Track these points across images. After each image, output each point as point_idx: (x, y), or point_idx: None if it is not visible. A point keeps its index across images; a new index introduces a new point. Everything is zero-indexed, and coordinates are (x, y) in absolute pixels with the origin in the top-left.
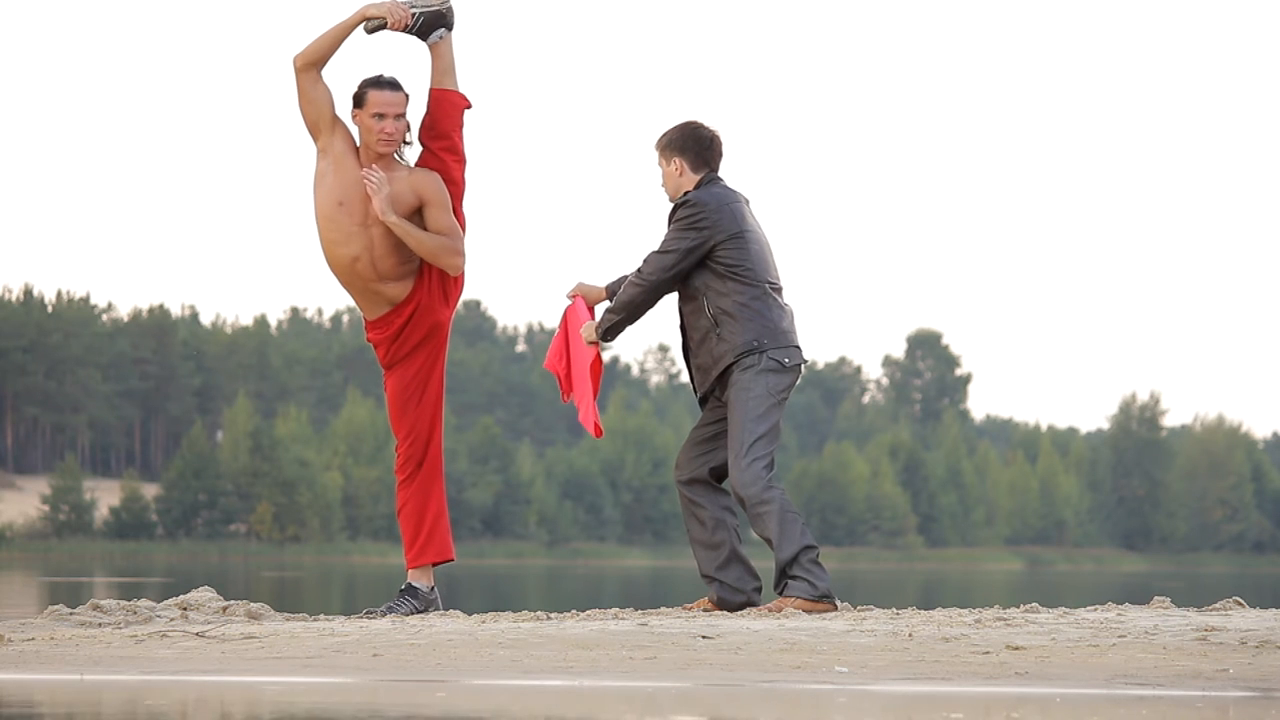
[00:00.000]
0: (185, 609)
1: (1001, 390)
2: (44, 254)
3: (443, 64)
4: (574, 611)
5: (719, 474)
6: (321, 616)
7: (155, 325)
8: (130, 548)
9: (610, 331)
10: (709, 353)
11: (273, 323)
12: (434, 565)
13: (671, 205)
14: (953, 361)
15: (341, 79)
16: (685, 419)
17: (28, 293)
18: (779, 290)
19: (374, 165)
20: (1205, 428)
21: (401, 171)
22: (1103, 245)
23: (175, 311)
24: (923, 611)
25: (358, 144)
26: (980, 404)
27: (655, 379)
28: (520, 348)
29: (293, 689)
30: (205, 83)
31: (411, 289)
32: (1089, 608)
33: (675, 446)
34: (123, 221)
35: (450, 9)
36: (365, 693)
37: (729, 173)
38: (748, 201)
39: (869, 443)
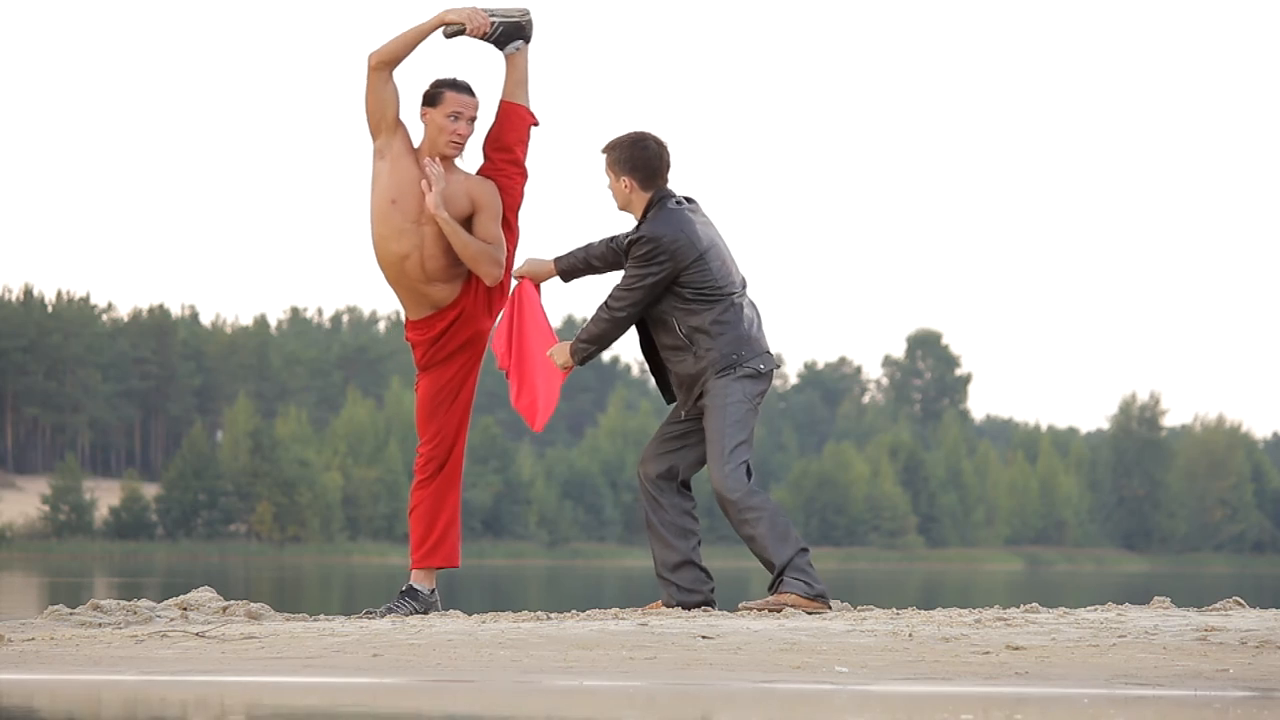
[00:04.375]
0: (185, 609)
1: (1001, 390)
2: (44, 254)
3: (516, 76)
4: (574, 611)
5: (679, 472)
6: (321, 616)
7: (155, 325)
8: (130, 548)
9: (584, 359)
10: (687, 370)
11: (273, 323)
12: (438, 570)
13: (625, 240)
14: (953, 361)
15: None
16: None
17: (28, 293)
18: (744, 290)
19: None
20: (1205, 428)
21: (460, 175)
22: (1102, 245)
23: (175, 311)
24: (923, 611)
25: (415, 146)
26: (980, 404)
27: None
28: None
29: (293, 689)
30: (205, 83)
31: (458, 294)
32: (1089, 608)
33: None
34: (123, 221)
35: (529, 21)
36: (365, 693)
37: (732, 172)
38: (697, 207)
39: (869, 443)
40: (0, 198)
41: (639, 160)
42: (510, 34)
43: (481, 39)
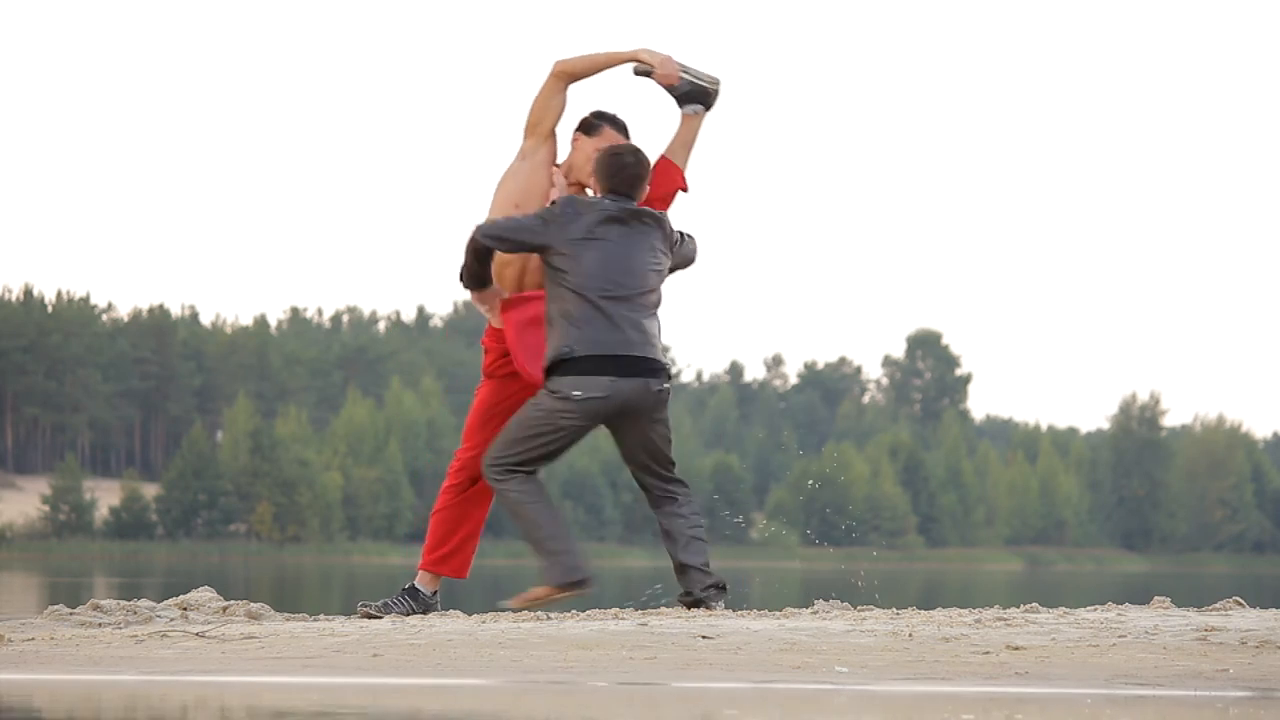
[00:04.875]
0: (185, 609)
1: (1001, 390)
2: (44, 254)
3: (685, 137)
4: (574, 611)
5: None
6: (321, 616)
7: (155, 325)
8: (130, 548)
9: (469, 286)
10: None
11: (273, 323)
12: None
13: None
14: (953, 361)
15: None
16: (685, 419)
17: (28, 293)
18: (619, 301)
19: (570, 189)
20: (1205, 428)
21: None
22: (1102, 245)
23: (175, 311)
24: (923, 611)
25: (557, 163)
26: (980, 404)
27: None
28: None
29: (293, 689)
30: (205, 83)
31: None
32: (1089, 608)
33: (675, 446)
34: (123, 221)
35: (717, 92)
36: (365, 693)
37: (734, 173)
38: (638, 217)
39: (869, 443)
40: (0, 198)
41: (604, 167)
42: (694, 96)
43: (666, 89)
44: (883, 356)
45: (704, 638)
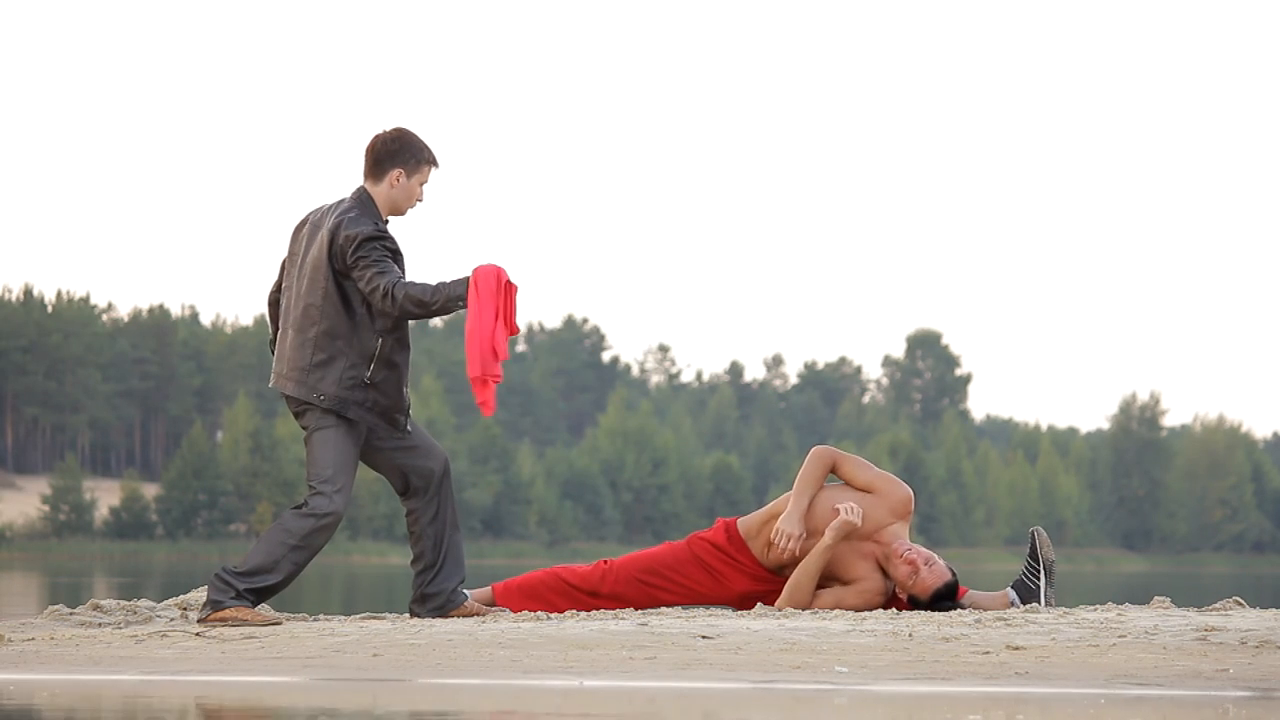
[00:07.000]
0: (185, 609)
1: (1001, 390)
2: (44, 254)
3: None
4: (574, 612)
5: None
6: (321, 616)
7: (155, 325)
8: (130, 548)
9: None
10: None
11: None
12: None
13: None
14: (953, 361)
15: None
16: (685, 419)
17: (28, 293)
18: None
19: None
20: (1205, 428)
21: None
22: (1102, 245)
23: (175, 311)
24: (923, 611)
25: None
26: (980, 404)
27: (655, 379)
28: (520, 348)
29: (292, 689)
30: (205, 83)
31: None
32: (1089, 608)
33: (675, 446)
34: (123, 221)
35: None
36: (365, 693)
37: (734, 173)
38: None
39: (869, 443)
40: (0, 198)
41: None
42: None
43: None
44: (883, 356)
45: (704, 638)
